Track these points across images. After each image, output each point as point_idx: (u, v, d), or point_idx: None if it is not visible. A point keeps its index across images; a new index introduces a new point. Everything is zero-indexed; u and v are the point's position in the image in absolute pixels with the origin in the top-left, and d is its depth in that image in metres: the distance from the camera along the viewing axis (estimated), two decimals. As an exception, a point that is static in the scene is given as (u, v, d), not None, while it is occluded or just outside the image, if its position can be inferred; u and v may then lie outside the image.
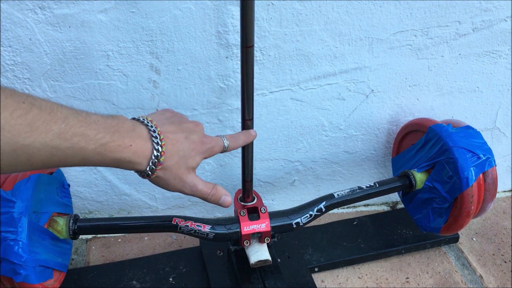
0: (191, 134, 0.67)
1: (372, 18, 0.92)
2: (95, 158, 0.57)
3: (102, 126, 0.57)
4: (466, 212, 0.90)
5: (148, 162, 0.62)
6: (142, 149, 0.61)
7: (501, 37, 1.00)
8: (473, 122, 1.11)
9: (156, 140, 0.62)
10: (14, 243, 0.74)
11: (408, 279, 1.03)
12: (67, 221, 0.84)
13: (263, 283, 0.90)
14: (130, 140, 0.60)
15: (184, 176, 0.66)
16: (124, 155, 0.59)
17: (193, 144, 0.67)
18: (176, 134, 0.65)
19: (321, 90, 0.99)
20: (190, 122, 0.70)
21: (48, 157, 0.52)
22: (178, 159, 0.65)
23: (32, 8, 0.79)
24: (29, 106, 0.50)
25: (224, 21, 0.86)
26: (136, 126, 0.62)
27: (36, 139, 0.50)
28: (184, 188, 0.67)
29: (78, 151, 0.54)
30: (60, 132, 0.52)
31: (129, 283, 0.96)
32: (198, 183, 0.68)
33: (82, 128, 0.54)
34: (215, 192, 0.71)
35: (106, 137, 0.57)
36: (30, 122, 0.49)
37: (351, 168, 1.13)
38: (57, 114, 0.52)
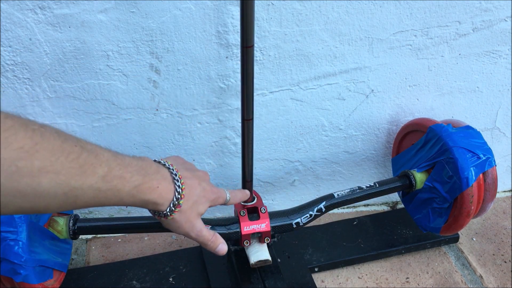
0: (202, 181, 0.71)
1: (372, 18, 0.92)
2: (129, 200, 0.59)
3: (135, 169, 0.59)
4: (466, 212, 0.90)
5: (169, 203, 0.65)
6: (166, 191, 0.64)
7: (501, 37, 1.00)
8: (473, 122, 1.11)
9: (178, 183, 0.65)
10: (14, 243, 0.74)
11: (408, 279, 1.03)
12: (67, 221, 0.84)
13: (263, 283, 0.90)
14: (157, 182, 0.63)
15: (195, 221, 0.70)
16: (152, 196, 0.62)
17: (204, 191, 0.71)
18: (191, 180, 0.69)
19: (321, 90, 0.99)
20: (200, 170, 0.74)
21: (91, 198, 0.54)
22: (192, 204, 0.68)
23: (32, 8, 0.79)
24: (81, 149, 0.52)
25: (224, 21, 0.86)
26: (160, 168, 0.65)
27: (84, 182, 0.52)
28: (192, 232, 0.70)
29: (116, 192, 0.57)
30: (104, 175, 0.54)
31: (129, 283, 0.96)
32: (203, 229, 0.72)
33: (121, 171, 0.57)
34: (215, 239, 0.74)
35: (139, 179, 0.59)
36: (81, 165, 0.51)
37: (351, 168, 1.13)
38: (101, 158, 0.54)
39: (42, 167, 0.47)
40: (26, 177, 0.46)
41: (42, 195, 0.49)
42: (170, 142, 0.99)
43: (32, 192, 0.48)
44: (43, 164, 0.47)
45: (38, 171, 0.47)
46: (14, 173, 0.45)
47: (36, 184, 0.47)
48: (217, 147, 1.01)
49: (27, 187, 0.47)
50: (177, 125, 0.97)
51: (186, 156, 1.01)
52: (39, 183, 0.48)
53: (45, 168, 0.48)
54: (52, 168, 0.48)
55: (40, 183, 0.48)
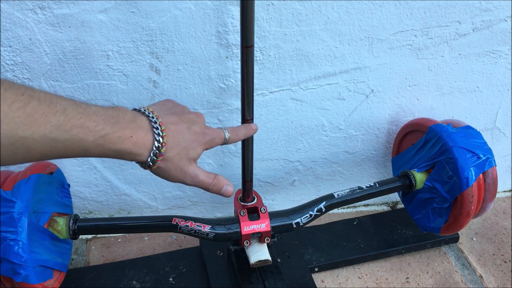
0: (193, 125, 0.67)
1: (372, 18, 0.92)
2: (96, 149, 0.56)
3: (102, 118, 0.56)
4: (466, 212, 0.90)
5: (149, 153, 0.61)
6: (143, 140, 0.61)
7: (501, 37, 1.00)
8: (473, 122, 1.11)
9: (157, 131, 0.62)
10: (14, 243, 0.74)
11: (408, 279, 1.03)
12: (67, 221, 0.84)
13: (263, 283, 0.90)
14: (131, 131, 0.59)
15: (186, 167, 0.66)
16: (125, 146, 0.59)
17: (194, 135, 0.66)
18: (177, 125, 0.65)
19: (321, 90, 0.99)
20: (192, 112, 0.69)
21: (47, 149, 0.52)
22: (180, 150, 0.64)
23: (32, 8, 0.79)
24: (28, 98, 0.50)
25: (224, 21, 0.86)
26: (137, 117, 0.62)
27: (35, 131, 0.50)
28: (186, 179, 0.67)
29: (78, 142, 0.54)
30: (59, 124, 0.52)
31: (129, 283, 0.96)
32: (200, 174, 0.68)
33: (82, 120, 0.54)
34: (216, 182, 0.70)
35: (106, 128, 0.56)
36: (29, 114, 0.49)
37: (351, 168, 1.13)
38: (56, 106, 0.52)
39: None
40: None
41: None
42: (170, 142, 0.99)
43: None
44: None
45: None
46: None
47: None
48: (217, 147, 1.01)
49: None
50: (177, 125, 0.97)
51: (186, 156, 1.01)
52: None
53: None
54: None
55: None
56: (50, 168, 0.87)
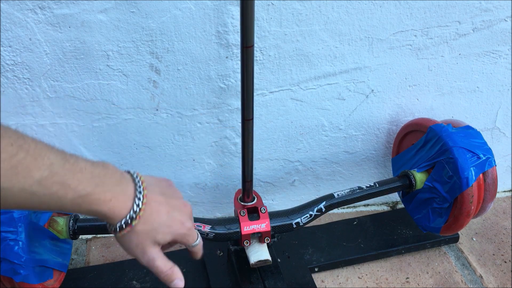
0: (175, 211, 0.65)
1: (372, 18, 0.92)
2: (71, 208, 0.55)
3: (87, 176, 0.55)
4: (466, 212, 0.90)
5: (120, 220, 0.59)
6: (120, 207, 0.59)
7: (501, 37, 1.00)
8: (473, 122, 1.11)
9: (138, 201, 0.60)
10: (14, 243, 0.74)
11: (408, 279, 1.03)
12: (67, 221, 0.84)
13: (263, 283, 0.90)
14: (112, 195, 0.57)
15: (147, 247, 0.63)
16: (100, 208, 0.57)
17: (171, 222, 0.64)
18: (159, 205, 0.63)
19: (321, 90, 0.99)
20: (180, 200, 0.67)
21: (23, 201, 0.51)
22: (150, 230, 0.62)
23: (32, 8, 0.79)
24: (16, 149, 0.49)
25: (224, 21, 0.86)
26: (124, 181, 0.60)
27: (15, 184, 0.49)
28: (142, 258, 0.64)
29: (56, 199, 0.53)
30: (41, 179, 0.51)
31: (129, 283, 0.96)
32: (157, 259, 0.64)
33: (65, 177, 0.53)
34: (170, 273, 0.66)
35: (87, 188, 0.55)
36: (13, 166, 0.48)
37: (351, 168, 1.13)
38: (43, 160, 0.51)
39: None
40: None
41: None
42: (170, 142, 0.99)
43: None
44: None
45: None
46: None
47: None
48: (217, 147, 1.01)
49: None
50: (177, 125, 0.97)
51: (186, 156, 1.01)
52: None
53: None
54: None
55: None
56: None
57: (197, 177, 1.05)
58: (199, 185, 1.07)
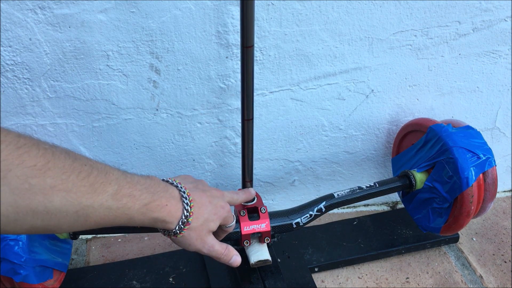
0: (214, 199, 0.72)
1: (372, 18, 0.92)
2: (138, 218, 0.60)
3: (144, 187, 0.60)
4: (466, 212, 0.90)
5: (178, 221, 0.66)
6: (175, 209, 0.65)
7: (501, 37, 1.00)
8: (473, 122, 1.11)
9: (186, 201, 0.66)
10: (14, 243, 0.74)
11: (408, 279, 1.03)
12: (67, 221, 0.84)
13: (263, 283, 0.90)
14: (166, 200, 0.64)
15: (206, 238, 0.70)
16: (161, 214, 0.63)
17: (215, 209, 0.71)
18: (202, 198, 0.69)
19: (321, 90, 0.99)
20: (213, 188, 0.74)
21: (101, 217, 0.55)
22: (203, 221, 0.69)
23: (32, 8, 0.79)
24: (90, 168, 0.53)
25: (224, 21, 0.86)
26: (169, 187, 0.66)
27: (95, 200, 0.53)
28: (203, 248, 0.71)
29: (127, 210, 0.58)
30: (114, 193, 0.55)
31: (129, 283, 0.96)
32: (215, 244, 0.72)
33: (130, 189, 0.58)
34: (227, 252, 0.74)
35: (148, 197, 0.60)
36: (91, 184, 0.52)
37: (351, 168, 1.13)
38: (110, 176, 0.56)
39: (54, 185, 0.48)
40: (38, 194, 0.47)
41: (54, 213, 0.49)
42: (170, 142, 0.99)
43: (44, 210, 0.48)
44: (55, 182, 0.48)
45: (50, 188, 0.48)
46: (27, 190, 0.46)
47: (48, 202, 0.48)
48: (217, 147, 1.01)
49: (39, 204, 0.47)
50: (177, 125, 0.97)
51: (186, 156, 1.01)
52: (51, 201, 0.48)
53: (57, 186, 0.48)
54: (63, 186, 0.49)
55: (52, 201, 0.48)
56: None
57: (197, 177, 1.05)
58: (199, 185, 1.07)
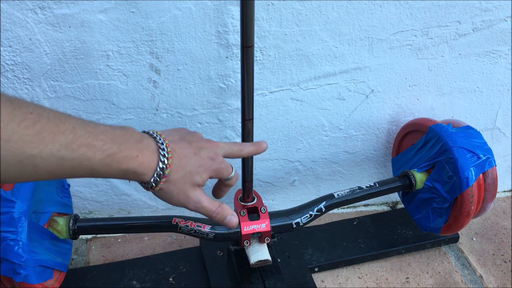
0: (201, 150, 0.67)
1: (372, 18, 0.92)
2: (103, 169, 0.57)
3: (110, 137, 0.57)
4: (466, 212, 0.90)
5: (153, 173, 0.62)
6: (148, 161, 0.61)
7: (501, 37, 1.00)
8: (473, 122, 1.11)
9: (163, 152, 0.62)
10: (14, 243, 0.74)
11: (408, 279, 1.03)
12: (67, 221, 0.84)
13: (263, 283, 0.90)
14: (137, 151, 0.60)
15: (189, 192, 0.66)
16: (130, 166, 0.59)
17: (201, 161, 0.66)
18: (184, 149, 0.65)
19: (321, 90, 0.99)
20: (203, 140, 0.70)
21: (54, 167, 0.53)
22: (184, 174, 0.65)
23: (32, 8, 0.79)
24: (37, 116, 0.50)
25: (224, 21, 0.86)
26: (144, 138, 0.62)
27: (43, 149, 0.50)
28: (188, 203, 0.67)
29: (85, 161, 0.55)
30: (67, 143, 0.52)
31: (129, 283, 0.96)
32: (203, 200, 0.68)
33: (90, 139, 0.55)
34: (220, 210, 0.70)
35: (113, 147, 0.57)
36: (37, 133, 0.50)
37: (351, 168, 1.13)
38: (65, 125, 0.53)
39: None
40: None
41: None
42: (170, 142, 0.99)
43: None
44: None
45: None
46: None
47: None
48: (217, 147, 1.01)
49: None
50: (177, 125, 0.97)
51: (186, 156, 1.01)
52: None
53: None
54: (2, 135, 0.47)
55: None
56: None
57: (197, 177, 1.05)
58: (199, 185, 1.07)
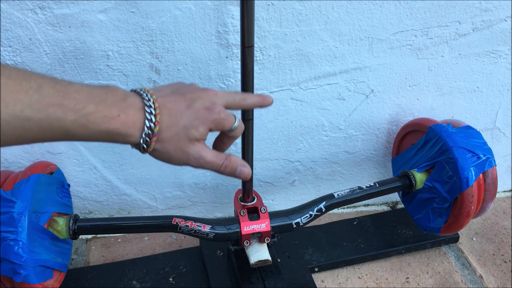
0: (195, 101, 0.60)
1: (372, 18, 0.92)
2: (78, 131, 0.52)
3: (85, 96, 0.52)
4: (466, 212, 0.90)
5: (141, 133, 0.56)
6: (133, 120, 0.55)
7: (501, 37, 1.00)
8: (473, 122, 1.11)
9: (149, 109, 0.56)
10: (14, 243, 0.74)
11: (408, 279, 1.03)
12: (67, 221, 0.84)
13: (263, 283, 0.90)
14: (119, 110, 0.54)
15: (187, 148, 0.59)
16: (112, 126, 0.54)
17: (196, 113, 0.59)
18: (176, 103, 0.58)
19: (321, 90, 0.99)
20: (199, 90, 0.62)
21: (21, 130, 0.48)
22: (178, 130, 0.58)
23: (32, 8, 0.79)
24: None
25: (224, 21, 0.86)
26: (129, 96, 0.56)
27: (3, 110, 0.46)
28: (189, 161, 0.60)
29: (56, 123, 0.50)
30: (31, 103, 0.48)
31: (129, 283, 0.96)
32: (206, 155, 0.60)
33: (60, 98, 0.50)
34: (228, 163, 0.62)
35: (89, 107, 0.51)
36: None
37: (351, 168, 1.13)
38: (29, 83, 0.48)
39: None
40: None
41: None
42: (170, 142, 0.99)
43: None
44: None
45: None
46: None
47: None
48: (217, 147, 1.01)
49: None
50: (177, 125, 0.97)
51: (186, 156, 1.01)
52: None
53: None
54: None
55: None
56: (50, 168, 0.87)
57: (197, 177, 1.05)
58: (199, 185, 1.07)
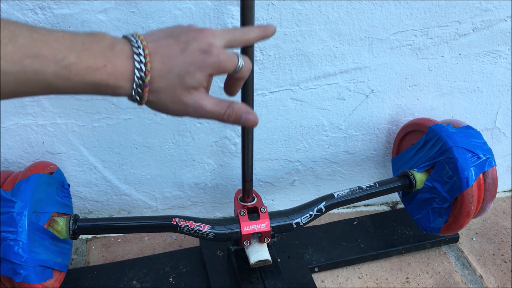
0: (190, 44, 0.53)
1: (372, 18, 0.92)
2: (61, 83, 0.48)
3: (67, 45, 0.47)
4: (466, 212, 0.90)
5: (131, 85, 0.51)
6: (121, 70, 0.50)
7: (501, 37, 1.00)
8: (473, 122, 1.11)
9: (138, 57, 0.51)
10: (14, 243, 0.74)
11: (408, 279, 1.03)
12: (67, 221, 0.84)
13: (263, 283, 0.90)
14: (105, 59, 0.49)
15: (184, 98, 0.53)
16: (97, 78, 0.49)
17: (192, 57, 0.53)
18: (169, 48, 0.52)
19: (321, 90, 0.99)
20: (194, 30, 0.55)
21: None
22: (172, 78, 0.52)
23: (32, 8, 0.79)
24: None
25: (224, 21, 0.86)
26: (117, 43, 0.51)
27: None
28: (188, 111, 0.55)
29: (34, 75, 0.46)
30: (5, 54, 0.44)
31: (129, 283, 0.96)
32: (205, 104, 0.54)
33: (36, 48, 0.46)
34: (231, 111, 0.56)
35: (70, 57, 0.47)
36: None
37: (351, 168, 1.13)
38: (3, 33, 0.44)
39: None
40: None
41: None
42: (170, 142, 0.99)
43: None
44: None
45: None
46: None
47: None
48: (217, 147, 1.01)
49: None
50: (177, 125, 0.97)
51: (186, 156, 1.01)
52: None
53: None
54: None
55: None
56: (50, 168, 0.87)
57: (197, 177, 1.05)
58: (199, 185, 1.07)
